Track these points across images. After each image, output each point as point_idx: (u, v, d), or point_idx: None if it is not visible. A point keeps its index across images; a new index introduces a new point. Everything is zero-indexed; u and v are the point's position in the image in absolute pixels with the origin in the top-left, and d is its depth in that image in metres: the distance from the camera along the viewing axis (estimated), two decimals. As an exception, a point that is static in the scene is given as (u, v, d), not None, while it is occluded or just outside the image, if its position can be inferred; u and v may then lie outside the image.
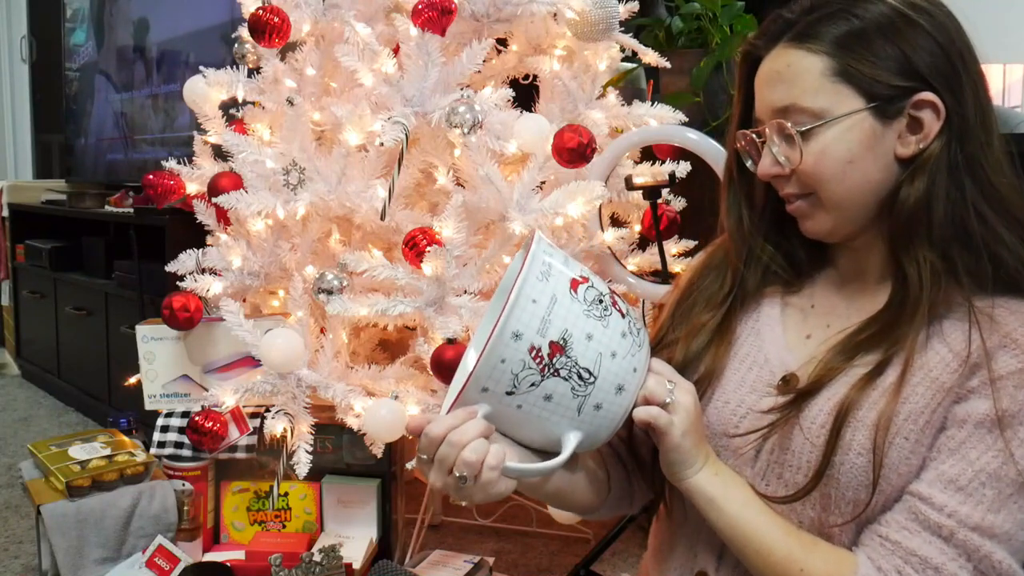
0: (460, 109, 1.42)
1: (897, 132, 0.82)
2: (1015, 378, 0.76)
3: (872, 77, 0.81)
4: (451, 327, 1.41)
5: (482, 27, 1.61)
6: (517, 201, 1.44)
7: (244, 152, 1.61)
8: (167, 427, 1.64)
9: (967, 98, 0.81)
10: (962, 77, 0.81)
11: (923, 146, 0.81)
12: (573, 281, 0.78)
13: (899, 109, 0.81)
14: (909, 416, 0.79)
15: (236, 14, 1.82)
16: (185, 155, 1.80)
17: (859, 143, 0.82)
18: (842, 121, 0.82)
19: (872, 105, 0.81)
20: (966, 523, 0.75)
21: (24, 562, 1.98)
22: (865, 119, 0.82)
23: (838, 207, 0.85)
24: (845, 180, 0.84)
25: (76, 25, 4.05)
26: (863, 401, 0.80)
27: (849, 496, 0.80)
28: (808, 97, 0.83)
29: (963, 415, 0.78)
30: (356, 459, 1.60)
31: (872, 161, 0.82)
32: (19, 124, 4.83)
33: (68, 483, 1.53)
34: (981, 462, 0.76)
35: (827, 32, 0.82)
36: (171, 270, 1.68)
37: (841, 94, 0.82)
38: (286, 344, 1.47)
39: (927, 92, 0.80)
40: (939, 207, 0.80)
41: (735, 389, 0.91)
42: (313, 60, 1.67)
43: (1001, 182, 0.81)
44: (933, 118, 0.81)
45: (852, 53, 0.81)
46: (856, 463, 0.79)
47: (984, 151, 0.81)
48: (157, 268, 1.93)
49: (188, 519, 1.59)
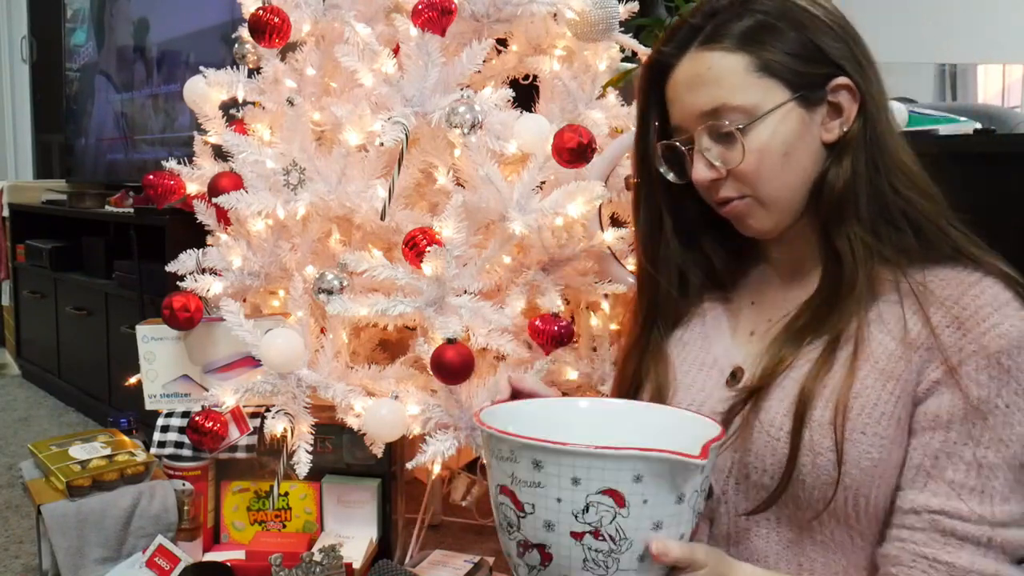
0: (460, 109, 1.42)
1: (821, 119, 0.84)
2: (973, 361, 0.77)
3: (792, 67, 0.83)
4: (451, 327, 1.41)
5: (482, 27, 1.61)
6: (517, 201, 1.44)
7: (244, 152, 1.61)
8: (167, 427, 1.64)
9: (871, 79, 0.84)
10: (862, 61, 0.84)
11: (845, 129, 0.84)
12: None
13: (820, 96, 0.84)
14: (863, 410, 0.80)
15: (236, 14, 1.82)
16: (185, 155, 1.79)
17: (792, 133, 0.84)
18: (774, 114, 0.83)
19: (798, 95, 0.83)
20: (993, 522, 0.77)
21: (24, 562, 1.98)
22: (793, 109, 0.84)
23: (776, 202, 0.87)
24: (782, 174, 0.85)
25: (76, 25, 4.05)
26: (817, 400, 0.81)
27: (817, 495, 0.81)
28: (737, 95, 0.84)
29: (945, 415, 0.78)
30: (356, 459, 1.60)
31: (804, 150, 0.85)
32: (19, 124, 4.83)
33: (68, 483, 1.53)
34: (980, 457, 0.77)
35: (738, 31, 0.84)
36: (171, 270, 1.68)
37: (768, 88, 0.83)
38: (286, 344, 1.47)
39: (842, 76, 0.83)
40: (863, 186, 0.83)
41: (687, 392, 0.92)
42: (313, 60, 1.67)
43: (905, 158, 0.84)
44: (850, 101, 0.83)
45: (768, 47, 0.83)
46: (818, 463, 0.80)
47: (889, 129, 0.84)
48: (157, 268, 1.93)
49: (188, 519, 1.59)
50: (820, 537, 0.83)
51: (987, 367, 0.77)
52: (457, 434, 1.44)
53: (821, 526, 0.83)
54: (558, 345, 1.44)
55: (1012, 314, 0.78)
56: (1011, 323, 0.78)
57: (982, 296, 0.79)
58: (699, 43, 0.86)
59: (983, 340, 0.77)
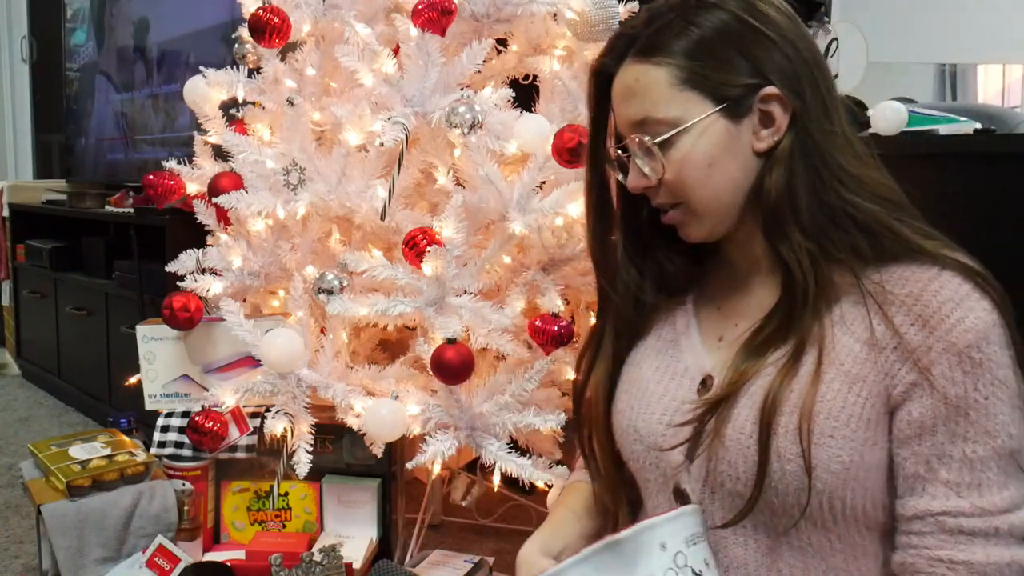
0: (460, 109, 1.42)
1: (751, 129, 0.84)
2: (944, 359, 0.78)
3: (718, 80, 0.84)
4: (451, 327, 1.41)
5: (482, 27, 1.61)
6: (517, 201, 1.44)
7: (244, 152, 1.61)
8: (167, 427, 1.64)
9: (807, 89, 0.84)
10: (800, 70, 0.84)
11: (777, 139, 0.84)
12: None
13: (748, 107, 0.84)
14: (830, 414, 0.80)
15: (236, 14, 1.82)
16: (185, 155, 1.79)
17: (715, 145, 0.85)
18: (695, 127, 0.84)
19: (721, 107, 0.84)
20: (995, 511, 0.78)
21: (24, 562, 1.98)
22: (717, 121, 0.84)
23: (708, 210, 0.88)
24: (709, 183, 0.86)
25: (76, 25, 4.05)
26: (783, 407, 0.81)
27: (791, 500, 0.81)
28: (660, 108, 0.86)
29: (928, 420, 0.79)
30: (356, 459, 1.60)
31: (731, 160, 0.85)
32: (19, 124, 4.83)
33: (68, 483, 1.53)
34: (970, 453, 0.78)
35: (669, 43, 0.85)
36: (171, 270, 1.68)
37: (690, 101, 0.84)
38: (286, 344, 1.47)
39: (771, 87, 0.83)
40: (801, 194, 0.83)
41: (659, 400, 0.92)
42: (313, 60, 1.67)
43: (852, 163, 0.84)
44: (781, 111, 0.83)
45: (696, 60, 0.84)
46: (788, 469, 0.80)
47: (831, 137, 0.84)
48: (157, 268, 1.93)
49: (188, 519, 1.59)
50: (798, 543, 0.83)
51: (959, 364, 0.78)
52: (457, 434, 1.44)
53: (798, 531, 0.83)
54: (558, 345, 1.44)
55: (975, 305, 0.78)
56: (975, 315, 0.78)
57: (942, 291, 0.79)
58: (632, 54, 0.87)
59: (950, 337, 0.78)
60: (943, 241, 0.84)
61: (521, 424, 1.42)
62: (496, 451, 1.44)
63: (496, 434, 1.44)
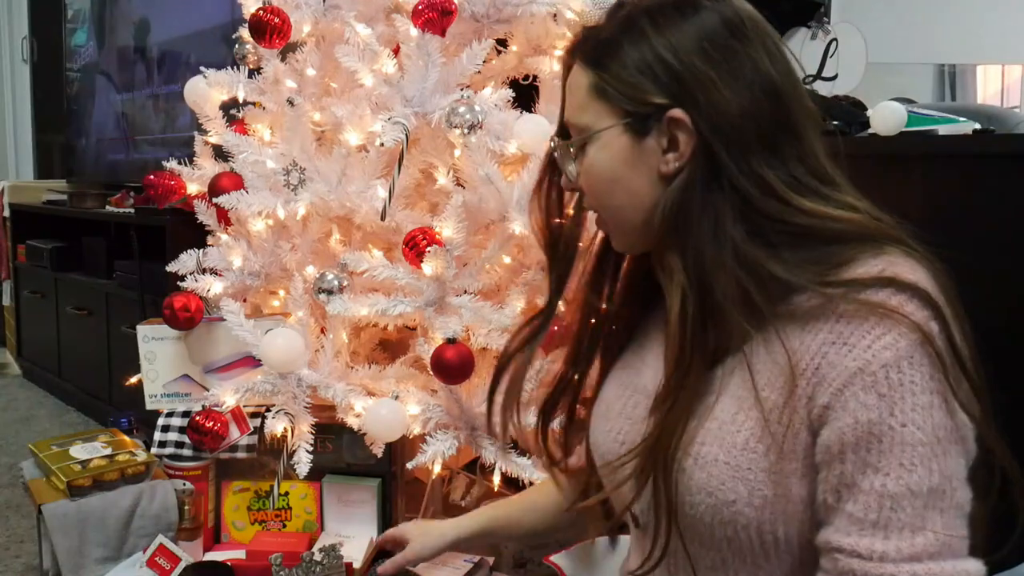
0: (460, 109, 1.43)
1: (657, 150, 0.80)
2: (858, 380, 0.70)
3: (624, 94, 0.80)
4: (451, 327, 1.41)
5: (482, 28, 1.61)
6: (517, 201, 1.44)
7: (245, 152, 1.61)
8: (168, 427, 1.64)
9: (719, 116, 0.76)
10: (709, 93, 0.76)
11: (679, 165, 0.78)
12: None
13: (652, 126, 0.79)
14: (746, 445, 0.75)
15: (237, 15, 1.83)
16: (186, 155, 1.80)
17: (617, 160, 0.82)
18: (599, 137, 0.82)
19: (624, 121, 0.81)
20: (899, 558, 0.69)
21: (25, 561, 1.98)
22: (620, 135, 0.81)
23: (617, 224, 0.86)
24: (613, 197, 0.84)
25: (77, 26, 4.06)
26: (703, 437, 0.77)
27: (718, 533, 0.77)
28: (577, 113, 0.85)
29: (836, 445, 0.71)
30: (356, 459, 1.60)
31: (636, 177, 0.82)
32: (20, 124, 4.84)
33: (69, 483, 1.53)
34: (879, 487, 0.69)
35: (600, 51, 0.83)
36: (172, 270, 1.68)
37: (600, 111, 0.82)
38: (286, 344, 1.47)
39: (676, 110, 0.77)
40: (694, 231, 0.77)
41: (617, 417, 0.90)
42: (313, 61, 1.67)
43: (769, 198, 0.76)
44: (686, 137, 0.78)
45: (607, 69, 0.81)
46: (708, 503, 0.76)
47: (746, 171, 0.76)
48: (158, 268, 1.93)
49: (189, 518, 1.59)
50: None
51: (874, 384, 0.69)
52: (457, 434, 1.44)
53: (725, 567, 0.79)
54: (558, 345, 1.44)
55: (901, 321, 0.69)
56: (898, 331, 0.69)
57: (866, 307, 0.71)
58: (577, 54, 0.86)
59: (867, 355, 0.69)
60: (891, 255, 0.75)
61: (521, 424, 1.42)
62: (496, 451, 1.44)
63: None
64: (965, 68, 3.54)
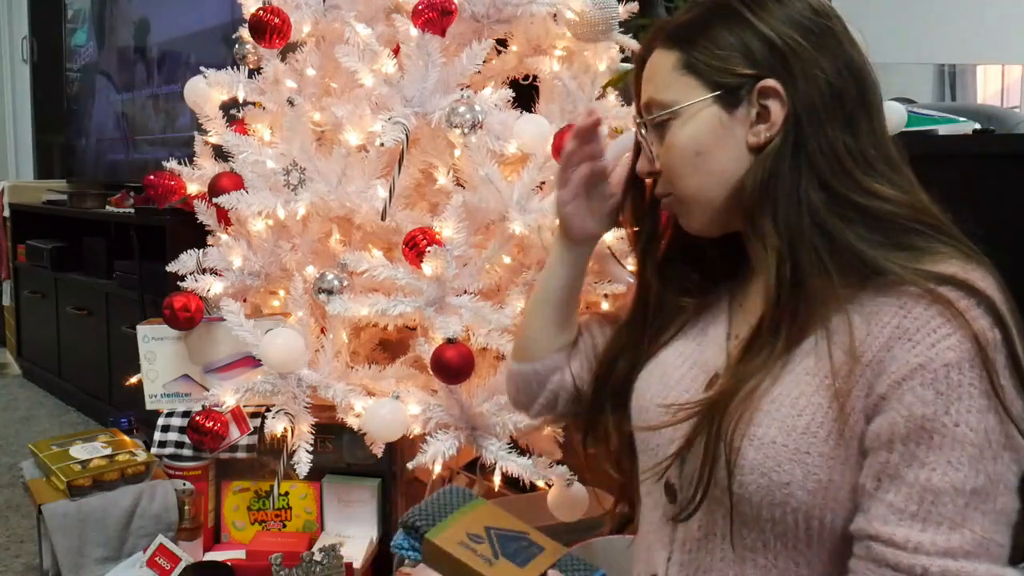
0: (460, 109, 1.43)
1: (746, 122, 0.81)
2: (918, 376, 0.71)
3: (714, 67, 0.82)
4: (451, 327, 1.41)
5: (482, 28, 1.61)
6: (517, 201, 1.44)
7: (244, 152, 1.61)
8: (168, 427, 1.64)
9: (811, 87, 0.79)
10: (805, 65, 0.80)
11: (770, 135, 0.80)
12: None
13: (743, 98, 0.81)
14: (807, 430, 0.75)
15: (237, 15, 1.82)
16: (186, 155, 1.80)
17: (705, 132, 0.83)
18: (687, 111, 0.83)
19: (716, 94, 0.82)
20: (934, 551, 0.69)
21: (25, 561, 1.98)
22: (710, 108, 0.82)
23: (696, 201, 0.86)
24: (697, 172, 0.84)
25: (77, 26, 4.06)
26: (762, 418, 0.77)
27: (765, 514, 0.77)
28: (661, 91, 0.85)
29: (886, 434, 0.72)
30: (356, 459, 1.60)
31: (722, 151, 0.83)
32: (20, 124, 4.84)
33: (69, 483, 1.53)
34: (924, 480, 0.70)
35: (675, 27, 0.85)
36: (172, 270, 1.68)
37: (688, 85, 0.83)
38: (286, 344, 1.47)
39: (770, 80, 0.80)
40: (780, 196, 0.79)
41: (675, 385, 0.90)
42: (313, 61, 1.67)
43: (848, 173, 0.79)
44: (779, 107, 0.80)
45: (695, 45, 0.83)
46: (761, 483, 0.76)
47: (829, 143, 0.79)
48: (158, 268, 1.93)
49: (189, 518, 1.59)
50: (763, 562, 0.79)
51: (933, 382, 0.70)
52: (457, 434, 1.44)
53: (765, 549, 0.79)
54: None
55: (967, 323, 0.71)
56: (964, 333, 0.71)
57: (934, 306, 0.73)
58: (660, 38, 0.87)
59: (930, 352, 0.71)
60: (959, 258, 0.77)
61: (521, 424, 1.42)
62: (496, 451, 1.44)
63: (496, 434, 1.44)
64: (965, 68, 3.54)
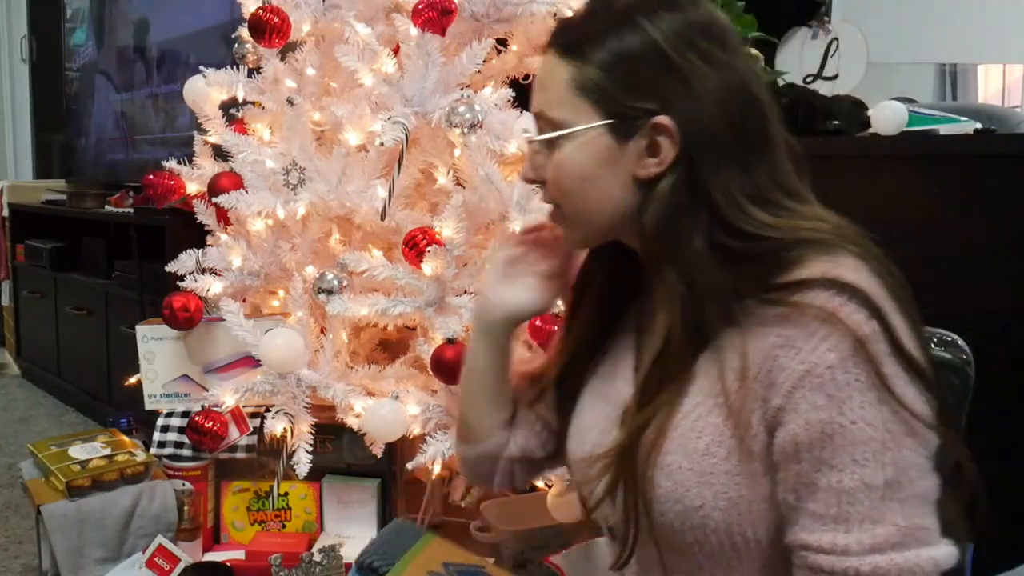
0: (460, 109, 1.42)
1: (637, 153, 0.79)
2: (807, 382, 0.72)
3: (608, 95, 0.79)
4: (451, 327, 1.41)
5: (482, 27, 1.61)
6: (517, 201, 1.44)
7: (244, 152, 1.61)
8: (167, 427, 1.64)
9: (706, 124, 0.77)
10: (701, 96, 0.77)
11: (659, 170, 0.79)
12: None
13: (637, 129, 0.79)
14: (707, 451, 0.76)
15: (236, 14, 1.82)
16: (185, 155, 1.79)
17: (594, 160, 0.81)
18: (579, 135, 0.81)
19: (608, 122, 0.80)
20: (861, 551, 0.70)
21: (24, 562, 1.98)
22: (601, 136, 0.80)
23: (579, 222, 0.85)
24: (583, 195, 0.83)
25: (76, 25, 4.06)
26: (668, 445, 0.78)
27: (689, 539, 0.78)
28: (553, 107, 0.83)
29: (791, 445, 0.73)
30: (356, 459, 1.60)
31: (610, 179, 0.81)
32: (19, 124, 4.84)
33: (68, 483, 1.53)
34: (836, 484, 0.71)
35: (584, 46, 0.81)
36: (171, 270, 1.68)
37: (580, 108, 0.81)
38: (286, 344, 1.47)
39: (664, 117, 0.77)
40: (684, 242, 0.78)
41: (591, 429, 0.90)
42: (313, 60, 1.67)
43: (743, 210, 0.77)
44: (669, 144, 0.78)
45: (591, 63, 0.80)
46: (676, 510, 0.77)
47: (724, 182, 0.77)
48: (157, 268, 1.92)
49: (188, 519, 1.59)
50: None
51: (822, 385, 0.71)
52: (457, 434, 1.44)
53: (700, 571, 0.80)
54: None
55: (844, 321, 0.71)
56: (841, 332, 0.71)
57: (810, 309, 0.72)
58: (556, 44, 0.84)
59: (813, 357, 0.71)
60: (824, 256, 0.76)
61: (521, 424, 1.42)
62: (496, 451, 1.44)
63: (496, 434, 1.44)
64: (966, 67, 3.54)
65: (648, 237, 0.80)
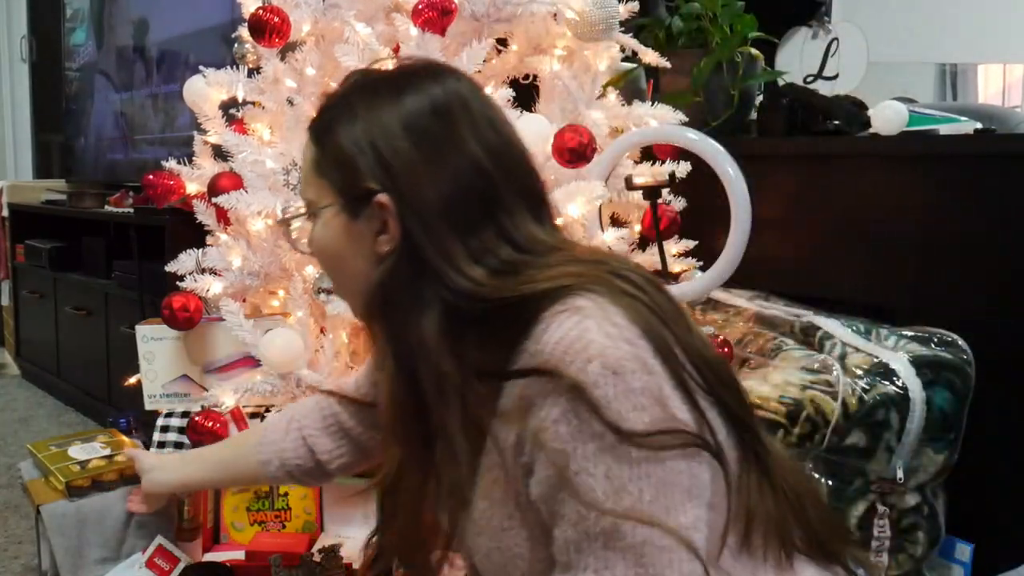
0: (460, 109, 1.42)
1: (371, 230, 0.81)
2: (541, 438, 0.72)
3: (336, 176, 0.82)
4: (451, 327, 1.41)
5: (482, 27, 1.61)
6: (517, 201, 1.44)
7: (244, 152, 1.61)
8: (167, 427, 1.64)
9: (421, 202, 0.78)
10: (414, 179, 0.79)
11: (391, 247, 0.80)
12: None
13: (363, 208, 0.81)
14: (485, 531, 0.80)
15: (236, 14, 1.82)
16: (185, 155, 1.79)
17: (337, 238, 0.84)
18: (321, 214, 0.84)
19: (340, 202, 0.82)
20: None
21: (24, 562, 1.98)
22: (338, 215, 0.83)
23: (345, 294, 0.90)
24: (339, 270, 0.87)
25: (76, 25, 4.05)
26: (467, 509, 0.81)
27: None
28: (304, 187, 0.87)
29: (538, 498, 0.75)
30: (356, 459, 1.60)
31: (355, 256, 0.83)
32: (19, 124, 4.83)
33: (68, 483, 1.53)
34: (568, 534, 0.72)
35: (327, 126, 0.84)
36: (171, 270, 1.68)
37: (321, 188, 0.84)
38: (286, 344, 1.47)
39: (383, 195, 0.79)
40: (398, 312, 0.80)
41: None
42: (313, 60, 1.67)
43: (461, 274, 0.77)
44: (393, 221, 0.79)
45: (324, 147, 0.83)
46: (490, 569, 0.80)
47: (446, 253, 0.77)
48: (157, 268, 1.92)
49: (188, 519, 1.58)
50: None
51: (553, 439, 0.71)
52: (457, 434, 1.44)
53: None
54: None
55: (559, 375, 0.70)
56: (558, 385, 0.70)
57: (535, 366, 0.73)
58: (310, 126, 0.87)
59: (542, 414, 0.72)
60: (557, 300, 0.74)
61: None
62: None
63: (496, 434, 1.44)
64: (966, 67, 3.54)
65: (375, 314, 0.84)
